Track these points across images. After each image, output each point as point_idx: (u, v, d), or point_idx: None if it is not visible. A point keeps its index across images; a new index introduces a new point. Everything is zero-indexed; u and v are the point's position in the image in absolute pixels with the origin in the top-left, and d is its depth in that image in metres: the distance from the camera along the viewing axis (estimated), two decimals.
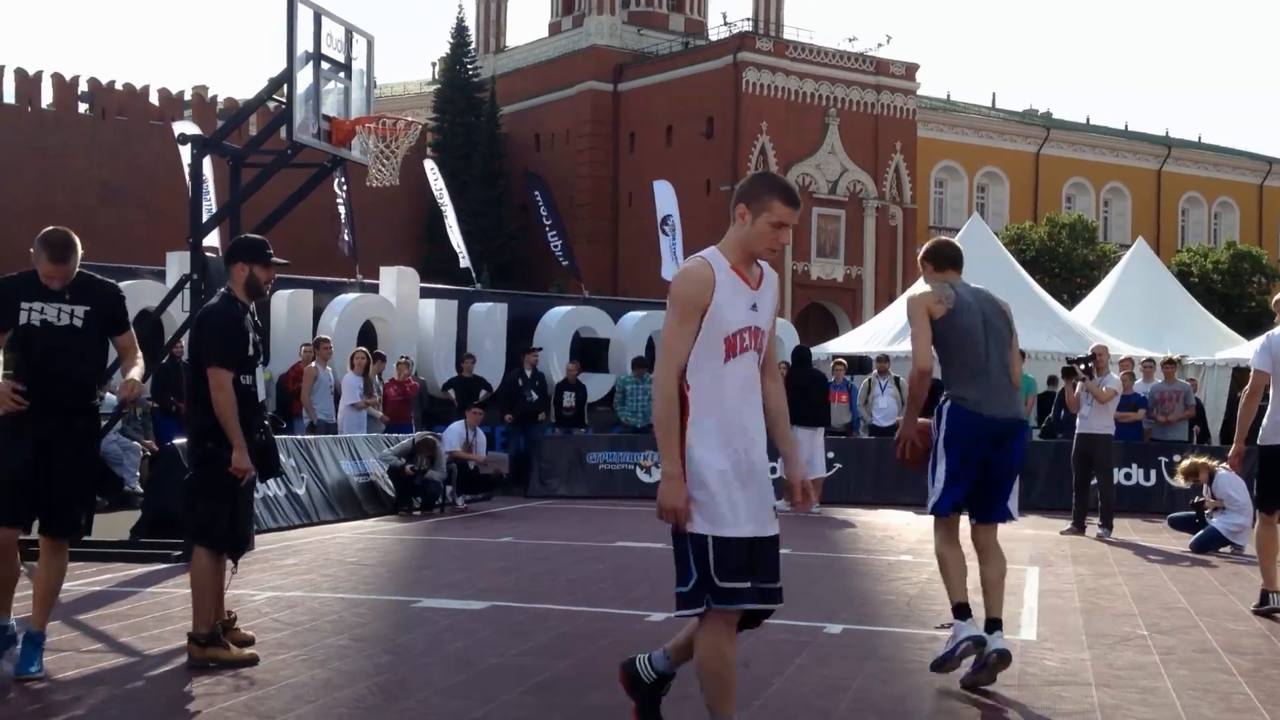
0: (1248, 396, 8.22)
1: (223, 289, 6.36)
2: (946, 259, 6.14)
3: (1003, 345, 5.99)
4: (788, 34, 58.13)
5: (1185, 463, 12.12)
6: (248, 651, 6.07)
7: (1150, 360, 17.90)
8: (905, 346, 21.38)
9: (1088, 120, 70.96)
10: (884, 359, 18.51)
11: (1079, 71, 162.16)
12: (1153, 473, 15.68)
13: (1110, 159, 67.75)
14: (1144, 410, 16.35)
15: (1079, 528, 12.77)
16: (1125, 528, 13.25)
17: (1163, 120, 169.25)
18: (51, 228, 5.87)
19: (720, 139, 53.30)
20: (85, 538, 6.12)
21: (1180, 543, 11.82)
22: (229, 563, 6.22)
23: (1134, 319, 23.71)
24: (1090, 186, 66.92)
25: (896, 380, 17.89)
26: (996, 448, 5.89)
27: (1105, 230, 62.71)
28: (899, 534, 12.82)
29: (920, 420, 5.99)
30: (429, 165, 21.32)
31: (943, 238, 6.58)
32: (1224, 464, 10.50)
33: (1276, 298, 8.90)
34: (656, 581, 8.89)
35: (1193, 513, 12.05)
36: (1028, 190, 64.56)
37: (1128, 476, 15.57)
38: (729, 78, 53.05)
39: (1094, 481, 12.99)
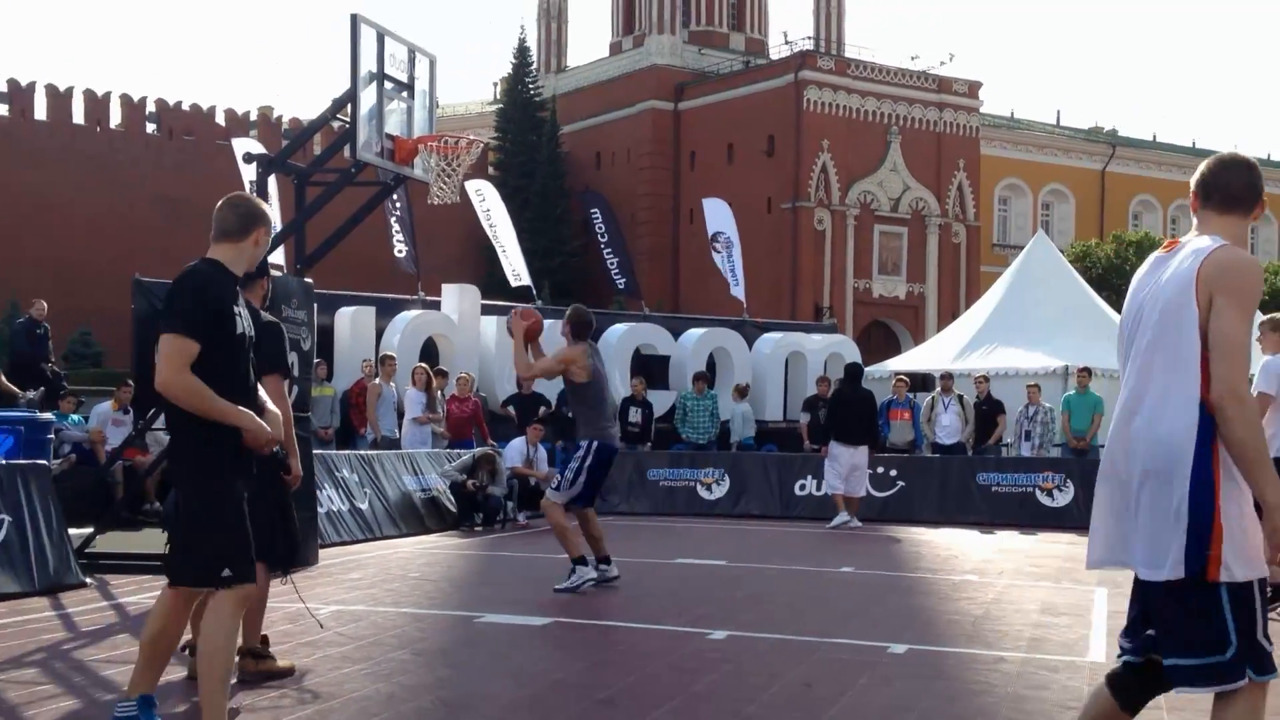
0: (1264, 424, 7.89)
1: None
2: None
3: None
4: (849, 52, 57.97)
5: None
6: (287, 662, 6.14)
7: None
8: (968, 364, 21.22)
9: (1154, 137, 70.10)
10: (948, 376, 18.34)
11: (1145, 89, 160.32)
12: None
13: (1177, 176, 66.77)
14: None
15: None
16: None
17: (1231, 137, 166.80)
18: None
19: (781, 157, 53.20)
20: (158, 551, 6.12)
21: None
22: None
23: None
24: (1157, 204, 66.05)
25: (960, 398, 17.75)
26: None
27: None
28: (963, 553, 12.67)
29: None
30: (472, 186, 20.90)
31: None
32: None
33: (1260, 321, 8.52)
34: (718, 599, 8.86)
35: None
36: (1093, 208, 63.84)
37: None
38: (790, 96, 52.97)
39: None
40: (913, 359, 25.07)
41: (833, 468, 15.08)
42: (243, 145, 20.82)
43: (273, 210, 16.96)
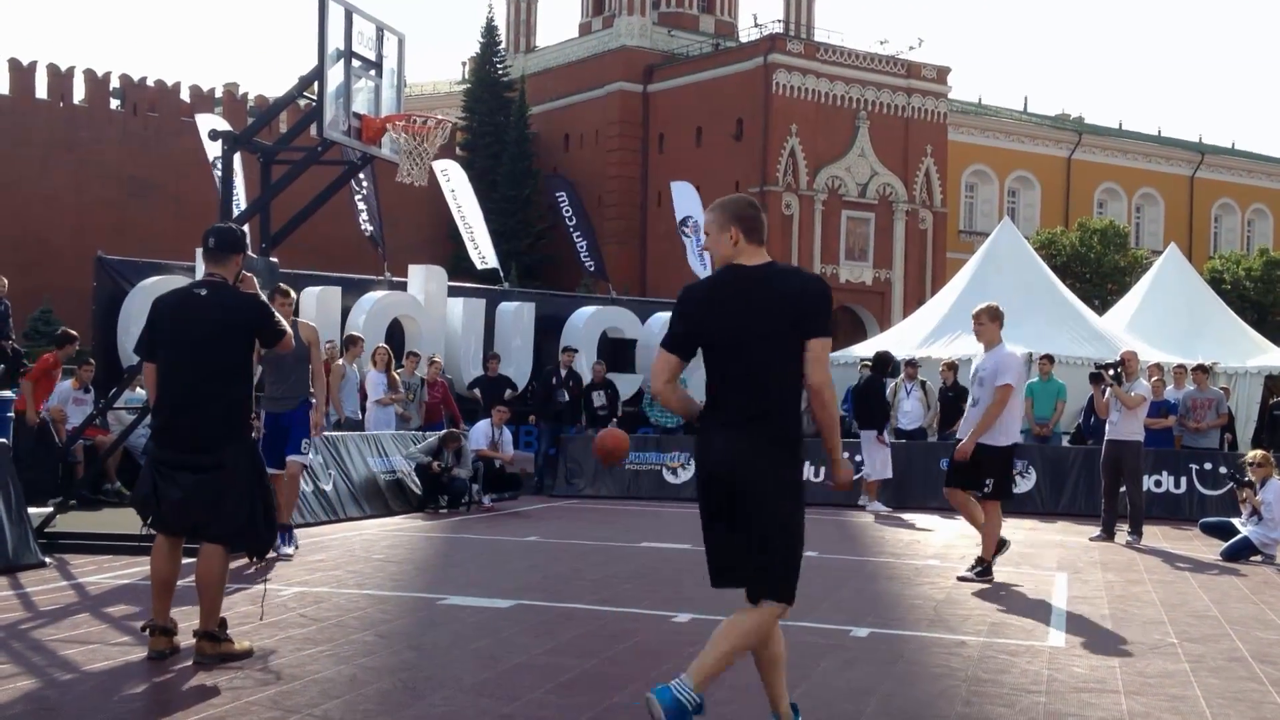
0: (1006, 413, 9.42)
1: (219, 278, 6.19)
2: None
3: None
4: (818, 36, 58.03)
5: (1261, 453, 11.98)
6: (245, 644, 6.13)
7: (1182, 367, 17.76)
8: (934, 350, 21.32)
9: (1120, 125, 70.55)
10: (913, 363, 18.39)
11: (1112, 77, 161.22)
12: (1183, 480, 15.55)
13: (1143, 164, 67.32)
14: (1174, 417, 16.22)
15: (1108, 534, 12.68)
16: (1155, 535, 13.15)
17: (1196, 126, 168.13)
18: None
19: (750, 141, 53.23)
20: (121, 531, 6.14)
21: (1210, 550, 11.73)
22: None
23: (1166, 326, 23.53)
24: (1122, 192, 66.52)
25: (923, 384, 17.83)
26: None
27: (1137, 236, 62.33)
28: (925, 538, 12.76)
29: None
30: (439, 167, 20.76)
31: None
32: None
33: (978, 311, 9.93)
34: (682, 583, 8.88)
35: (1227, 519, 11.98)
36: (1059, 195, 64.23)
37: (1158, 484, 15.45)
38: (759, 79, 52.98)
39: (1123, 488, 12.90)
40: (878, 345, 25.13)
41: (873, 455, 15.71)
42: (208, 122, 20.62)
43: (239, 188, 16.83)
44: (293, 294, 9.75)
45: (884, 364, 16.35)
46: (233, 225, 6.59)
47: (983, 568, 9.51)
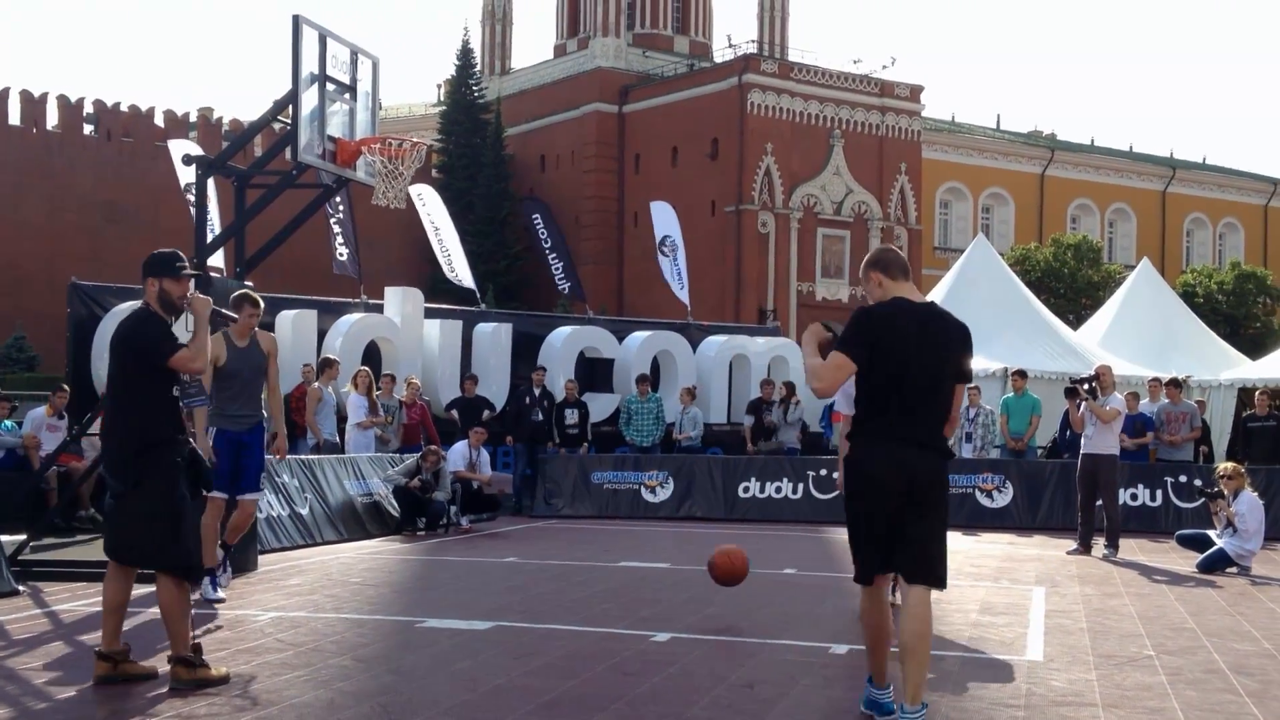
0: None
1: (139, 303, 6.25)
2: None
3: None
4: (792, 56, 58.33)
5: (1232, 465, 12.07)
6: (221, 670, 6.06)
7: (1156, 380, 17.87)
8: None
9: (1092, 141, 71.09)
10: None
11: (1084, 93, 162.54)
12: (1159, 493, 15.62)
13: (1115, 180, 67.81)
14: (1151, 434, 16.30)
15: (1085, 548, 12.72)
16: (1131, 548, 13.20)
17: (1167, 142, 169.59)
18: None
19: (725, 160, 53.42)
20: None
21: (1187, 563, 11.78)
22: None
23: (1139, 340, 23.69)
24: (1095, 207, 66.97)
25: None
26: None
27: (1110, 251, 62.72)
28: None
29: None
30: (415, 190, 20.72)
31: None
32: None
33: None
34: (661, 601, 8.87)
35: (1203, 531, 12.05)
36: (1032, 211, 64.62)
37: (1134, 497, 15.52)
38: (734, 99, 53.21)
39: (1099, 502, 12.95)
40: None
41: None
42: (180, 147, 20.53)
43: (213, 213, 16.77)
44: (261, 304, 9.01)
45: None
46: (157, 251, 6.41)
47: None
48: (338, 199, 18.63)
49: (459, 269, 21.89)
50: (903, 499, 5.22)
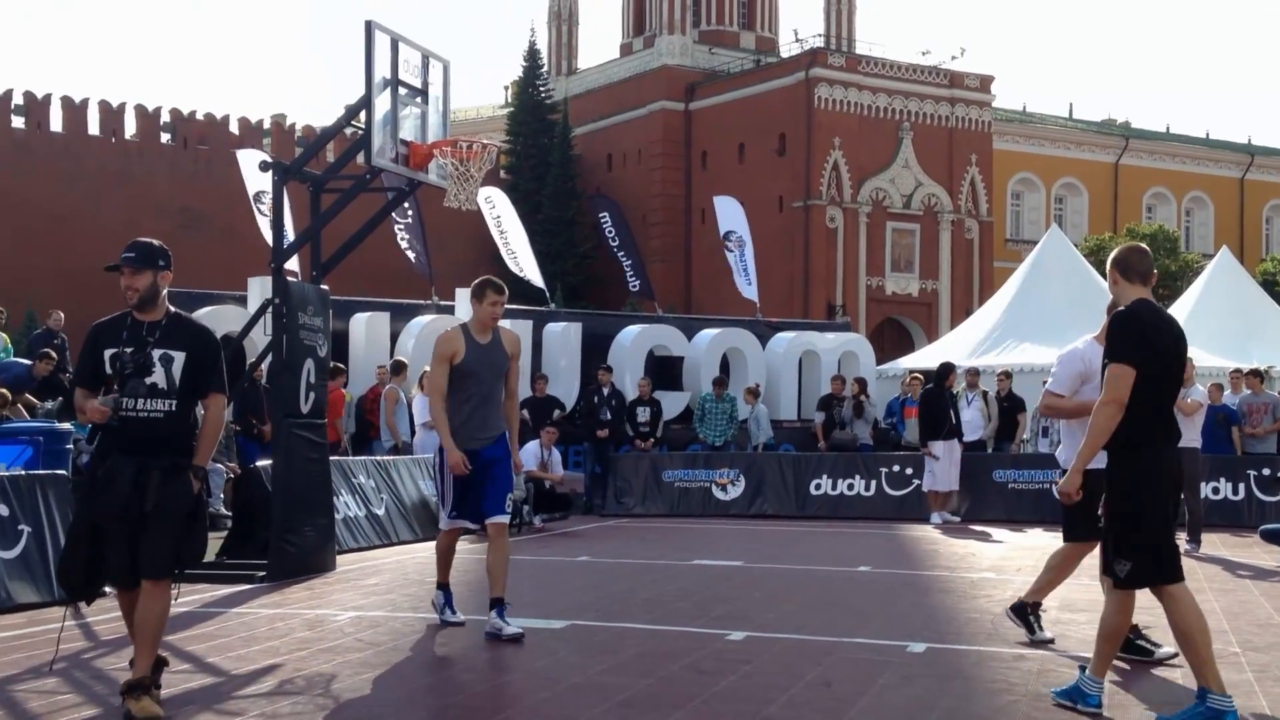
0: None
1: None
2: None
3: None
4: (860, 48, 57.93)
5: None
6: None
7: (1237, 371, 17.52)
8: (984, 360, 21.18)
9: (1167, 129, 69.84)
10: (974, 372, 18.01)
11: (1158, 80, 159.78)
12: (1241, 487, 15.33)
13: (1191, 168, 66.56)
14: (1236, 428, 15.97)
15: None
16: (1214, 543, 12.97)
17: (1245, 128, 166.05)
18: None
19: (793, 155, 53.17)
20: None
21: (1271, 558, 11.55)
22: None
23: (1219, 330, 23.24)
24: (1171, 196, 65.80)
25: (985, 394, 17.56)
26: None
27: (1187, 240, 61.60)
28: (980, 551, 12.65)
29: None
30: (483, 194, 20.69)
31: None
32: None
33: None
34: (735, 600, 8.86)
35: None
36: (1107, 201, 63.64)
37: (1215, 491, 15.23)
38: (801, 94, 52.93)
39: (1182, 496, 12.70)
40: (926, 356, 25.02)
41: (932, 466, 15.49)
42: (249, 157, 20.83)
43: (287, 218, 17.01)
44: (505, 291, 7.76)
45: (945, 374, 16.07)
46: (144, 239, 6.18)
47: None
48: (406, 204, 18.79)
49: (528, 269, 21.98)
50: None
